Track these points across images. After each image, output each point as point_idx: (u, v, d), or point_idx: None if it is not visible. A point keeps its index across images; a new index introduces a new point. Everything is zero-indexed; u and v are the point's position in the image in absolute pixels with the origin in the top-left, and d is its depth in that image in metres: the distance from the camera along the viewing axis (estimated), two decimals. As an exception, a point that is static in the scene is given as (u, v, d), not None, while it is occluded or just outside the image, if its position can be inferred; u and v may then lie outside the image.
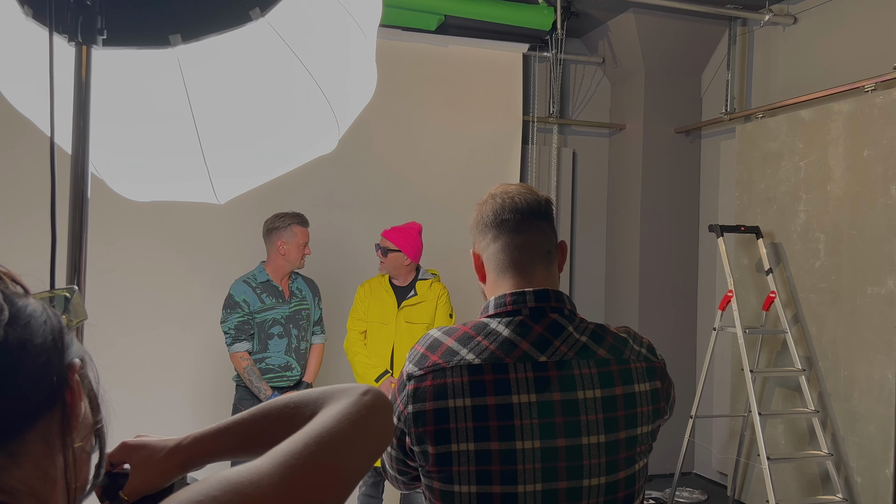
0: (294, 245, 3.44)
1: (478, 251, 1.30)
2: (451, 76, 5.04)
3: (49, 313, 0.62)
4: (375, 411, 0.70)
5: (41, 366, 0.58)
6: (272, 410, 0.75)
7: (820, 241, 4.16)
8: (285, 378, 3.45)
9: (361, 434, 0.67)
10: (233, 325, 3.39)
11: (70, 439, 0.61)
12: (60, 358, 0.61)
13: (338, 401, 0.70)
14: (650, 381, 1.20)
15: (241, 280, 3.46)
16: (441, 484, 1.14)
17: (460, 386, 1.13)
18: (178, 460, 0.79)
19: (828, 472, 3.96)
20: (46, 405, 0.59)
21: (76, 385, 0.61)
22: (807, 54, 4.48)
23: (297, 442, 0.63)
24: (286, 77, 1.32)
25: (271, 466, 0.59)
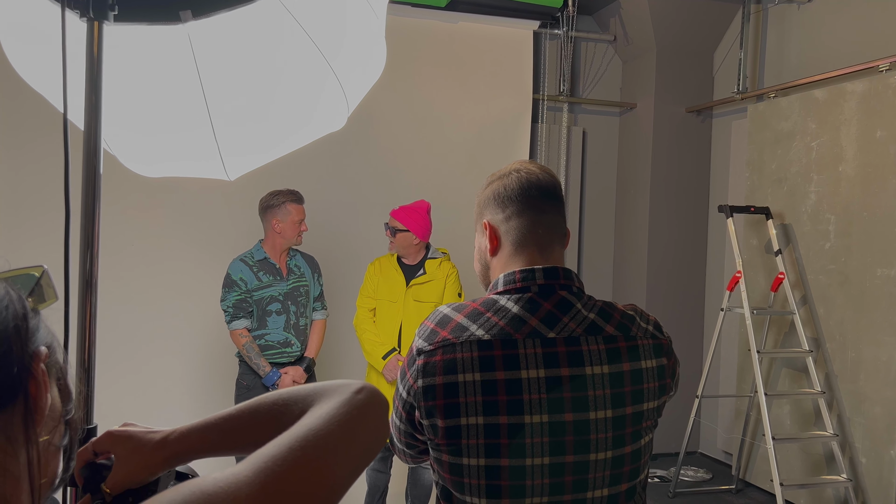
0: (289, 223, 3.45)
1: (493, 223, 1.30)
2: (460, 53, 5.01)
3: (12, 297, 0.57)
4: (368, 411, 0.66)
5: (1, 356, 0.54)
6: (261, 407, 0.71)
7: (830, 223, 4.14)
8: (286, 354, 3.48)
9: (351, 436, 0.62)
10: (231, 303, 3.43)
11: (34, 433, 0.56)
12: (23, 346, 0.55)
13: (329, 399, 0.66)
14: (657, 357, 1.21)
15: (239, 259, 3.49)
16: (450, 457, 1.16)
17: (470, 361, 1.14)
18: (163, 455, 0.75)
19: (832, 453, 3.98)
20: (7, 398, 0.54)
21: (41, 375, 0.56)
22: (821, 33, 4.42)
23: (282, 445, 0.58)
24: (296, 53, 1.32)
25: (250, 474, 0.54)
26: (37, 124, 4.13)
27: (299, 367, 3.49)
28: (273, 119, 1.41)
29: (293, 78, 1.37)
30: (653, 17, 5.04)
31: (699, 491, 4.60)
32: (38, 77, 1.28)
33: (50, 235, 4.11)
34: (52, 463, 0.60)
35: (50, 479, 0.60)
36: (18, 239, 4.13)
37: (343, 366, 4.56)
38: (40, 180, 4.17)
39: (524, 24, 5.15)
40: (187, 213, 4.46)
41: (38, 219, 4.15)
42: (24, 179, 4.19)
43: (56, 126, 3.97)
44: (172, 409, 4.36)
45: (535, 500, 1.15)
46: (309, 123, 1.45)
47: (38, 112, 4.02)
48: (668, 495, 4.47)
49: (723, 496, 4.52)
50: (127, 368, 4.22)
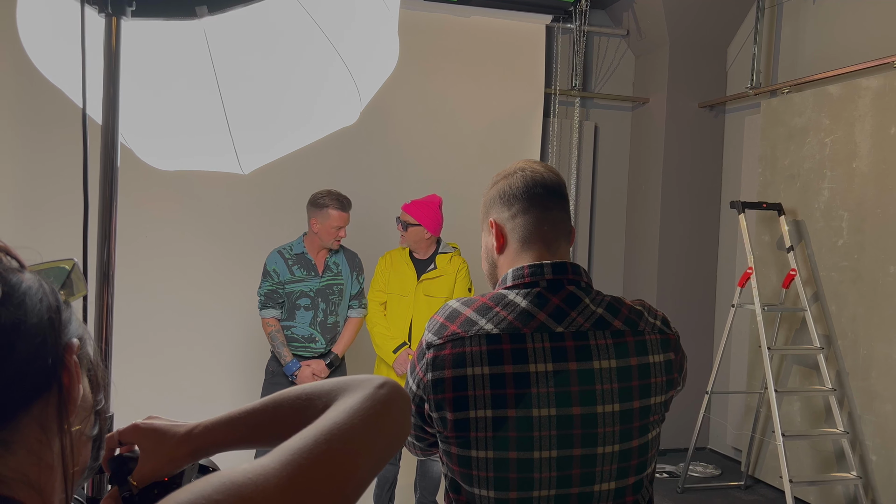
0: (326, 227, 3.46)
1: (499, 221, 1.31)
2: (472, 47, 5.01)
3: (45, 289, 0.58)
4: (391, 406, 0.66)
5: (36, 347, 0.55)
6: (285, 401, 0.72)
7: (843, 219, 4.12)
8: (309, 349, 3.52)
9: (375, 430, 0.63)
10: (263, 291, 3.50)
11: (67, 423, 0.57)
12: (57, 338, 0.57)
13: (352, 394, 0.66)
14: (664, 352, 1.22)
15: (277, 250, 3.54)
16: (459, 449, 1.18)
17: (478, 355, 1.16)
18: (188, 448, 0.76)
19: (843, 450, 3.97)
20: (42, 388, 0.56)
21: (74, 366, 0.58)
22: (836, 28, 4.39)
23: (307, 438, 0.59)
24: (310, 48, 1.33)
25: (278, 466, 0.55)
26: (54, 119, 4.17)
27: (321, 361, 3.51)
28: (287, 113, 1.42)
29: (307, 73, 1.38)
30: (666, 11, 5.02)
31: (708, 487, 4.60)
32: (57, 72, 1.30)
33: (66, 227, 4.15)
34: (83, 452, 0.62)
35: (81, 467, 0.62)
36: (37, 230, 4.19)
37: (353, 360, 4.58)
38: (58, 174, 4.21)
39: (537, 18, 5.14)
40: (201, 205, 4.49)
41: (55, 211, 4.20)
42: (41, 173, 4.24)
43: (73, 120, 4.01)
44: (184, 397, 4.40)
45: (542, 492, 1.16)
46: (322, 118, 1.47)
47: (55, 107, 4.07)
48: (677, 491, 4.48)
49: (732, 492, 4.52)
50: (140, 357, 4.27)
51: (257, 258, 3.70)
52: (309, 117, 1.44)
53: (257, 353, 4.04)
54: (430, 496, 3.75)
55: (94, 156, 1.04)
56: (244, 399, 4.27)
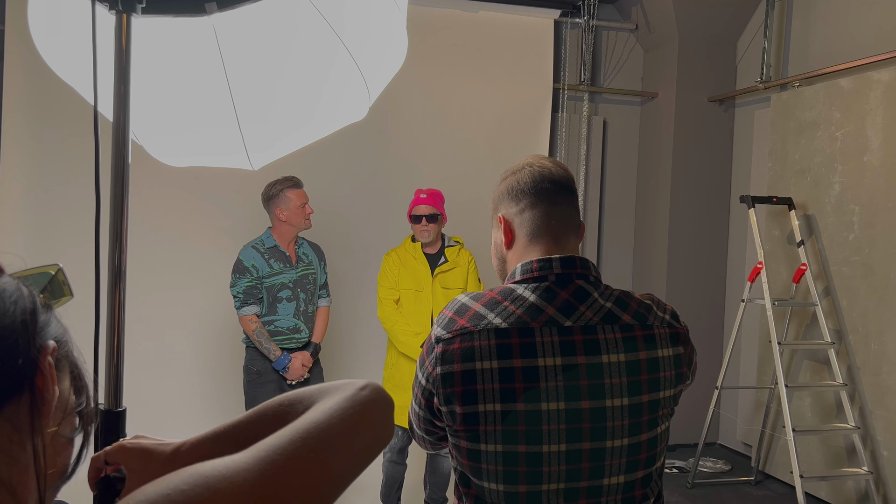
0: (292, 209, 3.47)
1: (508, 216, 1.31)
2: (480, 42, 5.00)
3: (22, 292, 0.58)
4: (372, 407, 0.66)
5: (7, 349, 0.55)
6: (267, 410, 0.71)
7: (854, 214, 4.09)
8: (294, 340, 3.53)
9: (353, 430, 0.63)
10: (241, 289, 3.47)
11: (39, 425, 0.57)
12: (30, 340, 0.57)
13: (333, 395, 0.66)
14: (673, 346, 1.23)
15: (250, 245, 3.53)
16: (468, 443, 1.18)
17: (487, 349, 1.16)
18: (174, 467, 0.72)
19: (854, 445, 3.95)
20: (13, 390, 0.56)
21: (48, 369, 0.58)
22: (847, 21, 4.36)
23: (283, 436, 0.59)
24: (318, 44, 1.33)
25: (250, 461, 0.55)
26: (66, 116, 4.19)
27: (306, 352, 3.55)
28: (296, 109, 1.43)
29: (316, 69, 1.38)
30: (675, 5, 5.00)
31: (718, 482, 4.59)
32: (68, 69, 1.31)
33: (78, 224, 4.18)
34: (62, 454, 0.62)
35: (60, 469, 0.62)
36: (49, 228, 4.21)
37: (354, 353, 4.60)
38: (69, 171, 4.24)
39: (545, 12, 5.13)
40: (211, 201, 4.51)
41: (66, 209, 4.23)
42: (53, 170, 4.27)
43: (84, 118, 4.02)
44: (197, 394, 4.43)
45: (552, 486, 1.16)
46: (331, 114, 1.47)
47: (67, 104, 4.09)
48: (687, 486, 4.47)
49: (742, 488, 4.51)
50: (152, 354, 4.29)
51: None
52: (318, 113, 1.45)
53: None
54: (439, 492, 3.76)
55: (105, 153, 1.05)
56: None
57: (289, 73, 1.36)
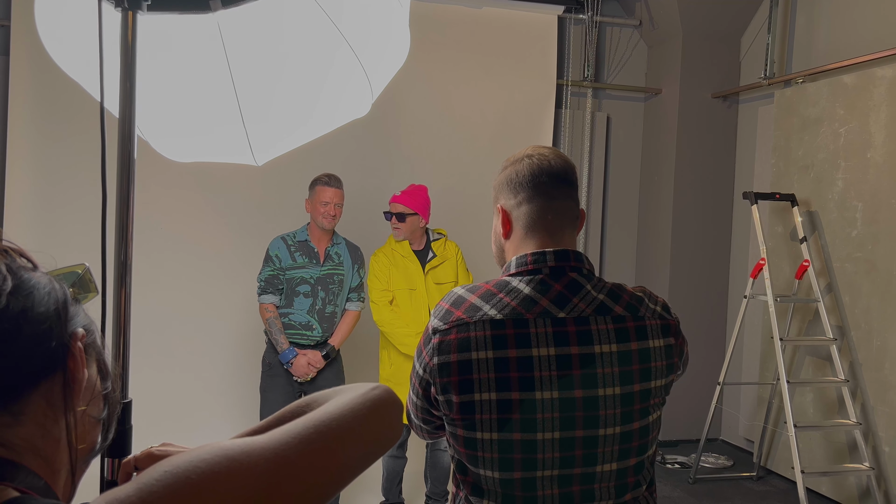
0: (315, 203, 3.50)
1: (506, 208, 1.33)
2: (484, 39, 5.00)
3: (55, 286, 0.66)
4: (382, 405, 0.71)
5: (42, 333, 0.63)
6: (286, 414, 0.76)
7: (857, 210, 4.09)
8: (306, 337, 3.53)
9: (363, 423, 0.67)
10: (264, 277, 3.53)
11: (71, 403, 0.65)
12: (63, 327, 0.65)
13: (347, 393, 0.71)
14: (664, 337, 1.25)
15: (280, 237, 3.58)
16: (464, 431, 1.21)
17: (483, 339, 1.19)
18: None
19: (855, 441, 3.96)
20: (48, 369, 0.63)
21: (78, 352, 0.65)
22: (851, 17, 4.35)
23: (299, 424, 0.64)
24: (321, 41, 1.35)
25: (267, 441, 0.60)
26: (72, 112, 4.21)
27: (318, 352, 3.50)
28: (299, 105, 1.44)
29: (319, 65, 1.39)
30: (679, 1, 4.99)
31: (720, 478, 4.60)
32: (75, 66, 1.33)
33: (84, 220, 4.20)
34: (90, 432, 0.69)
35: (89, 445, 0.69)
36: (56, 224, 4.24)
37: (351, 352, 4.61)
38: (75, 167, 4.26)
39: (548, 8, 5.13)
40: (215, 197, 4.52)
41: (73, 204, 4.25)
42: (59, 166, 4.29)
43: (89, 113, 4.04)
44: (204, 389, 4.45)
45: (546, 472, 1.19)
46: (334, 110, 1.48)
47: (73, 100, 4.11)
48: (689, 481, 4.49)
49: (743, 483, 4.53)
50: (157, 348, 4.32)
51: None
52: (321, 110, 1.46)
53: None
54: (440, 486, 3.78)
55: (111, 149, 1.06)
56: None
57: (292, 70, 1.38)
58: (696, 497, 4.28)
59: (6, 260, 0.64)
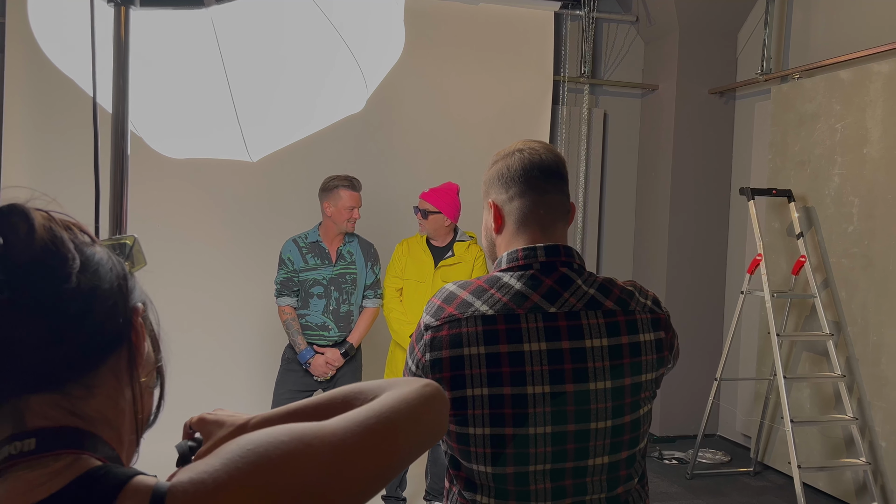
0: (339, 208, 3.48)
1: (497, 202, 1.33)
2: (481, 34, 5.00)
3: (114, 260, 0.69)
4: (433, 401, 0.76)
5: (109, 309, 0.66)
6: (337, 396, 0.80)
7: (854, 205, 4.10)
8: (322, 337, 3.54)
9: (417, 417, 0.72)
10: (279, 280, 3.54)
11: (136, 374, 0.69)
12: (126, 302, 0.68)
13: (401, 387, 0.76)
14: (654, 331, 1.26)
15: (292, 239, 3.57)
16: (457, 426, 1.21)
17: (475, 335, 1.19)
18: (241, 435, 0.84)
19: (852, 436, 3.97)
20: (115, 344, 0.67)
21: (140, 326, 0.70)
22: (847, 12, 4.35)
23: (361, 412, 0.69)
24: (316, 36, 1.34)
25: (335, 427, 0.65)
26: (65, 107, 4.20)
27: (336, 350, 3.51)
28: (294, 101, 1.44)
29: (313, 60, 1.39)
30: (676, -3, 4.99)
31: (717, 473, 4.61)
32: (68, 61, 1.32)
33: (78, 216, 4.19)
34: (148, 402, 0.74)
35: (147, 414, 0.74)
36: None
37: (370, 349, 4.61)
38: (68, 162, 4.25)
39: (545, 4, 5.12)
40: (210, 193, 4.52)
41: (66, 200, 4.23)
42: (52, 161, 4.28)
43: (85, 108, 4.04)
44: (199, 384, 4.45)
45: (538, 466, 1.19)
46: (329, 106, 1.48)
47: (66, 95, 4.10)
48: (686, 477, 4.50)
49: (741, 478, 4.54)
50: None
51: (267, 246, 3.73)
52: (316, 105, 1.46)
53: (271, 340, 4.08)
54: (440, 482, 3.78)
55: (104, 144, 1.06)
56: (258, 386, 4.32)
57: (286, 66, 1.37)
58: (694, 492, 4.29)
59: (71, 235, 0.66)
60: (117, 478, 0.60)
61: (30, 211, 0.64)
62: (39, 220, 0.64)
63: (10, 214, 0.63)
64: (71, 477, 0.60)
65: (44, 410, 0.63)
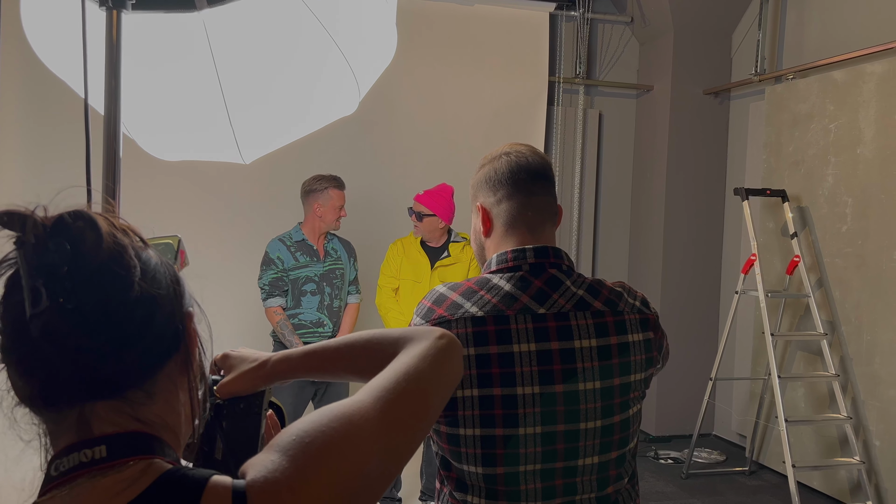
0: (330, 207, 3.53)
1: (486, 205, 1.34)
2: (476, 36, 5.00)
3: (166, 264, 0.70)
4: (450, 352, 0.79)
5: (168, 315, 0.67)
6: (356, 344, 0.83)
7: (847, 205, 4.11)
8: (317, 334, 3.55)
9: (440, 372, 0.75)
10: (267, 281, 3.53)
11: (192, 378, 0.71)
12: (181, 307, 0.69)
13: (418, 342, 0.78)
14: (643, 331, 1.26)
15: (277, 238, 3.59)
16: (447, 427, 1.22)
17: (465, 336, 1.20)
18: (264, 372, 0.87)
19: (846, 436, 3.98)
20: (173, 349, 0.68)
21: (193, 332, 0.71)
22: (841, 13, 4.37)
23: (389, 378, 0.71)
24: (307, 39, 1.35)
25: (372, 401, 0.68)
26: (57, 110, 4.20)
27: None
28: (286, 103, 1.44)
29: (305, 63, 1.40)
30: (670, -3, 5.00)
31: (713, 473, 4.62)
32: (61, 64, 1.33)
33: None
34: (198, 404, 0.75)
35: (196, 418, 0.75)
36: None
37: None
38: (61, 165, 4.25)
39: (540, 5, 5.13)
40: (203, 195, 4.52)
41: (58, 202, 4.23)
42: (44, 164, 4.28)
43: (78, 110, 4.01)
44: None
45: (528, 467, 1.20)
46: (321, 108, 1.49)
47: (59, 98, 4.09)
48: (682, 477, 4.51)
49: (736, 478, 4.55)
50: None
51: (260, 248, 3.72)
52: (308, 107, 1.46)
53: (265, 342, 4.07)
54: (434, 481, 3.79)
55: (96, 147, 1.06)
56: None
57: (278, 68, 1.38)
58: (689, 492, 4.30)
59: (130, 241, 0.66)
60: (197, 479, 0.61)
61: (96, 218, 0.64)
62: (105, 228, 0.64)
63: (77, 220, 0.63)
64: (148, 482, 0.61)
65: (110, 417, 0.64)
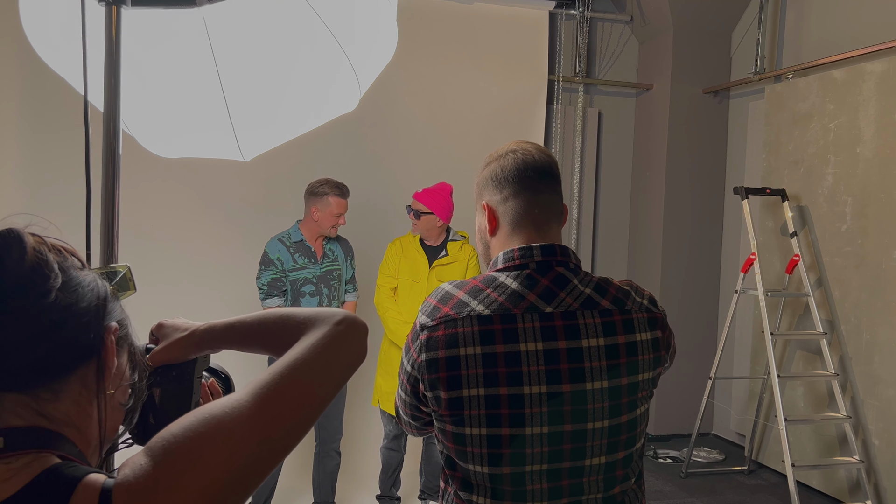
0: (327, 214, 3.51)
1: (491, 204, 1.33)
2: (475, 34, 5.00)
3: (98, 284, 0.76)
4: (347, 339, 0.82)
5: (83, 325, 0.73)
6: (268, 321, 0.88)
7: (847, 204, 4.11)
8: None
9: (330, 361, 0.79)
10: (266, 281, 3.52)
11: (103, 386, 0.76)
12: (101, 321, 0.75)
13: (316, 329, 0.82)
14: (651, 330, 1.25)
15: (277, 238, 3.57)
16: (453, 427, 1.21)
17: (471, 335, 1.19)
18: (193, 341, 0.94)
19: (845, 435, 3.98)
20: (85, 356, 0.74)
21: (110, 344, 0.76)
22: (840, 12, 4.37)
23: (273, 373, 0.75)
24: (308, 35, 1.34)
25: (248, 398, 0.72)
26: (57, 107, 4.19)
27: None
28: (286, 101, 1.44)
29: (305, 60, 1.39)
30: (670, -4, 5.00)
31: (712, 472, 4.62)
32: (60, 61, 1.32)
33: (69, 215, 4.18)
34: (116, 415, 0.79)
35: (113, 427, 0.79)
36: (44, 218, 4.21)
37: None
38: (60, 161, 4.24)
39: (540, 4, 5.13)
40: (202, 193, 4.51)
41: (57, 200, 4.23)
42: (44, 161, 4.27)
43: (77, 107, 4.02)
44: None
45: (535, 467, 1.19)
46: (321, 105, 1.48)
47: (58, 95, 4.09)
48: (681, 476, 4.51)
49: (735, 477, 4.55)
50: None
51: (260, 245, 3.72)
52: (308, 104, 1.46)
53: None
54: (434, 480, 3.78)
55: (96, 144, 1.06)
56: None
57: (279, 65, 1.37)
58: (688, 491, 4.30)
59: (59, 258, 0.74)
60: (71, 477, 0.66)
61: (24, 235, 0.71)
62: (31, 243, 0.71)
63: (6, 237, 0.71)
64: (30, 476, 0.66)
65: (16, 410, 0.70)
